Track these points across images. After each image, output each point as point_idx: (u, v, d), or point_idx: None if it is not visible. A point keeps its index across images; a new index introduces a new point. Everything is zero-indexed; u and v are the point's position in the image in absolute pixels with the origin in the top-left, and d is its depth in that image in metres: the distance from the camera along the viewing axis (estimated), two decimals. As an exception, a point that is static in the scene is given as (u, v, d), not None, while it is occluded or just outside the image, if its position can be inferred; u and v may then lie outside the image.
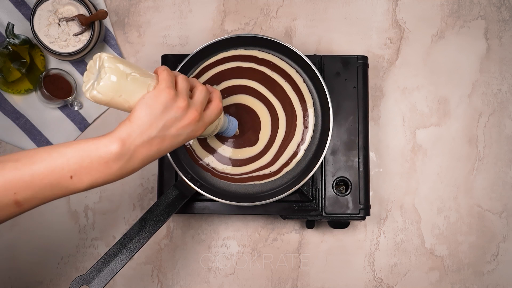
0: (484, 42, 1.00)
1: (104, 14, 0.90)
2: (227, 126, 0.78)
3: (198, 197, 0.86)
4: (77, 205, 0.96)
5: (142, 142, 0.58)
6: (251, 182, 0.85)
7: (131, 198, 0.97)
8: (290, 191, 0.81)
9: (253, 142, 0.86)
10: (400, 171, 0.98)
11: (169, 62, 0.90)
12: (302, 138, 0.86)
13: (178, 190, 0.82)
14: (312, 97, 0.87)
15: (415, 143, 0.98)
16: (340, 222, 0.89)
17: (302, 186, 0.85)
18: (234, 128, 0.79)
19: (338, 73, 0.89)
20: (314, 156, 0.85)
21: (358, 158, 0.88)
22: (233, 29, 1.00)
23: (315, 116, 0.86)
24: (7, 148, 0.96)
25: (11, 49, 0.90)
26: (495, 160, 0.98)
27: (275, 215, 0.96)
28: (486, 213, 0.97)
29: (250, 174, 0.85)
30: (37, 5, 0.90)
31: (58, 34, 0.90)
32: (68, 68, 0.97)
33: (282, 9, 1.01)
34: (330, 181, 0.87)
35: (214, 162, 0.86)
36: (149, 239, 0.76)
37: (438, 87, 0.99)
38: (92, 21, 0.90)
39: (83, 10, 0.91)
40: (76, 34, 0.91)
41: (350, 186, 0.87)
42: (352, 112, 0.89)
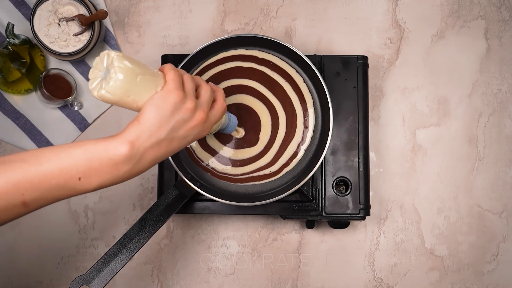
0: (484, 42, 1.00)
1: (104, 14, 0.90)
2: (227, 123, 0.78)
3: (198, 197, 0.86)
4: (77, 205, 0.96)
5: (151, 144, 0.58)
6: (251, 182, 0.85)
7: (131, 198, 0.97)
8: (290, 191, 0.81)
9: (253, 142, 0.86)
10: (400, 171, 0.98)
11: (169, 62, 0.90)
12: (303, 138, 0.86)
13: (178, 190, 0.82)
14: (312, 97, 0.87)
15: (415, 143, 0.98)
16: (340, 222, 0.89)
17: (302, 186, 0.85)
18: (234, 125, 0.79)
19: (338, 73, 0.89)
20: (314, 156, 0.85)
21: (358, 158, 0.88)
22: (233, 29, 1.00)
23: (315, 116, 0.86)
24: (7, 148, 0.96)
25: (11, 49, 0.90)
26: (495, 160, 0.98)
27: (275, 215, 0.96)
28: (486, 213, 0.97)
29: (250, 175, 0.85)
30: (37, 5, 0.90)
31: (58, 34, 0.90)
32: (68, 68, 0.97)
33: (282, 9, 1.01)
34: (330, 181, 0.87)
35: (214, 163, 0.86)
36: (149, 239, 0.76)
37: (438, 87, 0.99)
38: (92, 21, 0.90)
39: (83, 10, 0.91)
40: (76, 34, 0.91)
41: (350, 186, 0.87)
42: (352, 112, 0.89)
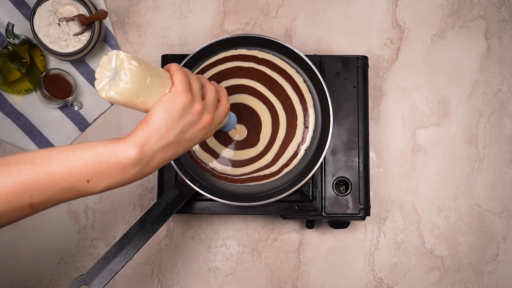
0: (484, 42, 1.00)
1: (104, 14, 0.90)
2: (227, 121, 0.78)
3: (198, 197, 0.86)
4: (77, 205, 0.96)
5: (160, 147, 0.57)
6: (251, 183, 0.85)
7: (131, 198, 0.97)
8: (290, 191, 0.81)
9: (254, 143, 0.86)
10: (400, 171, 0.98)
11: (169, 62, 0.90)
12: (303, 138, 0.86)
13: (178, 190, 0.81)
14: (312, 97, 0.87)
15: (415, 143, 0.98)
16: (340, 222, 0.89)
17: (302, 186, 0.85)
18: (234, 123, 0.79)
19: (338, 73, 0.89)
20: (314, 156, 0.85)
21: (358, 158, 0.88)
22: (233, 29, 1.00)
23: (315, 116, 0.86)
24: (7, 148, 0.96)
25: (11, 49, 0.90)
26: (495, 160, 0.98)
27: (275, 215, 0.96)
28: (486, 213, 0.97)
29: (250, 175, 0.85)
30: (37, 5, 0.90)
31: (58, 34, 0.90)
32: (68, 68, 0.97)
33: (282, 9, 1.01)
34: (330, 181, 0.87)
35: (214, 163, 0.86)
36: (149, 239, 0.76)
37: (438, 87, 0.99)
38: (92, 21, 0.90)
39: (83, 10, 0.91)
40: (76, 34, 0.91)
41: (350, 186, 0.87)
42: (352, 112, 0.89)
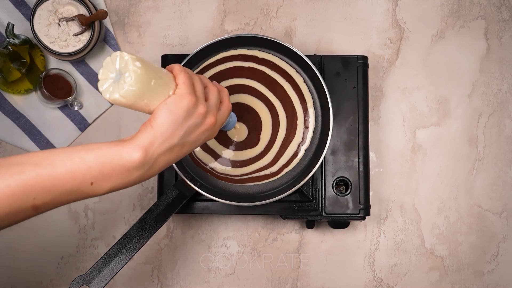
0: (484, 42, 1.00)
1: (104, 14, 0.90)
2: (228, 121, 0.77)
3: (198, 197, 0.86)
4: (77, 205, 0.96)
5: (164, 150, 0.57)
6: (251, 183, 0.85)
7: (131, 198, 0.97)
8: (290, 191, 0.81)
9: (254, 143, 0.86)
10: (400, 171, 0.98)
11: (169, 62, 0.90)
12: (303, 138, 0.86)
13: (178, 190, 0.81)
14: (312, 97, 0.87)
15: (415, 143, 0.98)
16: (340, 222, 0.89)
17: (302, 186, 0.85)
18: (234, 122, 0.78)
19: (338, 73, 0.89)
20: (314, 156, 0.85)
21: (358, 158, 0.88)
22: (233, 29, 1.00)
23: (315, 116, 0.86)
24: (7, 148, 0.96)
25: (11, 49, 0.90)
26: (495, 160, 0.98)
27: (275, 215, 0.96)
28: (486, 213, 0.97)
29: (250, 175, 0.85)
30: (37, 5, 0.90)
31: (58, 34, 0.90)
32: (68, 68, 0.97)
33: (282, 9, 1.01)
34: (330, 181, 0.87)
35: (213, 163, 0.86)
36: (149, 239, 0.76)
37: (438, 87, 0.99)
38: (92, 21, 0.90)
39: (83, 10, 0.91)
40: (76, 34, 0.91)
41: (350, 186, 0.87)
42: (352, 112, 0.89)
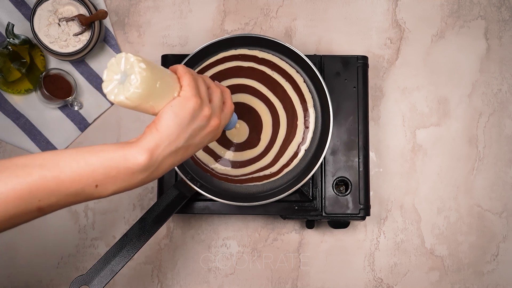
0: (484, 42, 1.00)
1: (104, 14, 0.90)
2: (229, 120, 0.77)
3: (198, 197, 0.86)
4: (77, 205, 0.96)
5: (169, 153, 0.57)
6: (251, 183, 0.85)
7: (131, 198, 0.97)
8: (290, 191, 0.81)
9: (255, 143, 0.86)
10: (400, 171, 0.98)
11: (169, 62, 0.90)
12: (303, 139, 0.86)
13: (178, 190, 0.81)
14: (312, 97, 0.87)
15: (415, 143, 0.98)
16: (340, 222, 0.89)
17: (302, 186, 0.85)
18: (235, 122, 0.77)
19: (338, 73, 0.89)
20: (314, 156, 0.85)
21: (358, 158, 0.88)
22: (233, 29, 1.00)
23: (315, 116, 0.86)
24: (7, 148, 0.96)
25: (11, 49, 0.90)
26: (495, 160, 0.98)
27: (275, 215, 0.96)
28: (486, 213, 0.97)
29: (250, 175, 0.85)
30: (37, 5, 0.90)
31: (58, 34, 0.90)
32: (68, 68, 0.97)
33: (282, 9, 1.01)
34: (330, 181, 0.87)
35: (214, 164, 0.86)
36: (149, 239, 0.76)
37: (438, 87, 0.99)
38: (92, 21, 0.90)
39: (83, 10, 0.91)
40: (76, 34, 0.91)
41: (350, 186, 0.87)
42: (352, 112, 0.89)
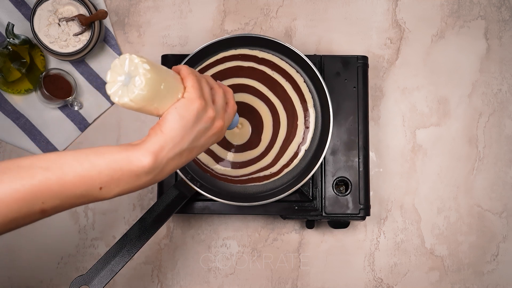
0: (484, 42, 1.00)
1: (104, 14, 0.90)
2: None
3: (198, 197, 0.86)
4: (77, 205, 0.96)
5: (174, 155, 0.57)
6: (251, 183, 0.85)
7: (131, 198, 0.97)
8: (290, 191, 0.81)
9: (255, 145, 0.86)
10: (400, 171, 0.98)
11: (169, 62, 0.90)
12: (303, 139, 0.86)
13: (178, 190, 0.81)
14: (312, 97, 0.87)
15: (415, 143, 0.98)
16: (340, 222, 0.89)
17: (302, 186, 0.85)
18: (236, 121, 0.77)
19: (338, 73, 0.89)
20: (314, 156, 0.85)
21: (358, 158, 0.88)
22: (233, 29, 1.00)
23: (315, 116, 0.86)
24: (7, 148, 0.96)
25: (11, 49, 0.90)
26: (495, 160, 0.98)
27: (275, 215, 0.96)
28: (486, 213, 0.97)
29: (250, 176, 0.85)
30: (37, 5, 0.90)
31: (58, 34, 0.90)
32: (68, 68, 0.97)
33: (282, 9, 1.01)
34: (330, 181, 0.87)
35: (214, 165, 0.86)
36: (149, 239, 0.76)
37: (438, 87, 0.99)
38: (92, 21, 0.90)
39: (83, 10, 0.91)
40: (76, 34, 0.91)
41: (350, 186, 0.87)
42: (352, 112, 0.89)
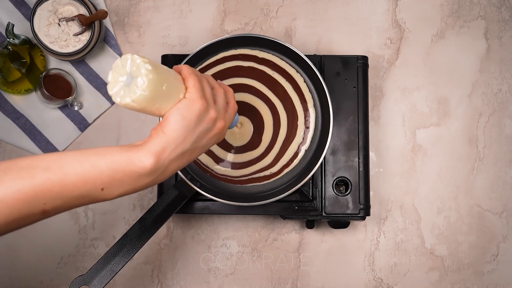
0: (484, 42, 1.00)
1: (104, 14, 0.90)
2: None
3: (198, 197, 0.86)
4: (77, 205, 0.96)
5: (176, 156, 0.57)
6: (251, 184, 0.85)
7: (131, 198, 0.97)
8: (290, 191, 0.81)
9: (256, 145, 0.86)
10: (400, 171, 0.98)
11: (169, 62, 0.90)
12: (303, 139, 0.86)
13: (178, 190, 0.81)
14: (312, 97, 0.87)
15: (415, 143, 0.98)
16: (340, 222, 0.89)
17: (302, 186, 0.85)
18: (236, 121, 0.77)
19: (338, 73, 0.89)
20: (314, 156, 0.85)
21: (358, 158, 0.88)
22: (233, 29, 1.00)
23: (315, 116, 0.86)
24: (7, 148, 0.96)
25: (11, 49, 0.90)
26: (495, 160, 0.98)
27: (275, 215, 0.96)
28: (486, 213, 0.97)
29: (250, 176, 0.85)
30: (37, 5, 0.90)
31: (58, 34, 0.90)
32: (68, 68, 0.97)
33: (282, 9, 1.01)
34: (330, 181, 0.87)
35: (214, 166, 0.86)
36: (149, 239, 0.76)
37: (438, 87, 0.99)
38: (92, 21, 0.90)
39: (83, 10, 0.91)
40: (76, 34, 0.91)
41: (350, 186, 0.87)
42: (352, 112, 0.89)
